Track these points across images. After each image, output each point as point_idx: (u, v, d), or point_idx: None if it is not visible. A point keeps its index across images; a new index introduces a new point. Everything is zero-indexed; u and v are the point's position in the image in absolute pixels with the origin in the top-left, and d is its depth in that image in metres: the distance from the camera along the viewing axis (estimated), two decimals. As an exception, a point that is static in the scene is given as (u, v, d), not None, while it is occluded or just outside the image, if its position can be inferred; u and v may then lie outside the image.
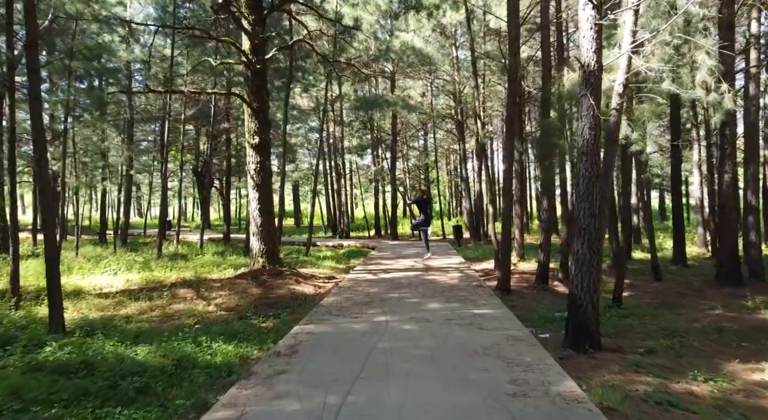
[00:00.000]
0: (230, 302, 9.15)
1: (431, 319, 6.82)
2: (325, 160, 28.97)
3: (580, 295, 5.63)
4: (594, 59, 5.48)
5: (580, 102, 5.65)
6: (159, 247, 16.77)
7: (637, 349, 5.86)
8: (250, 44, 11.33)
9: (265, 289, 10.11)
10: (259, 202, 11.60)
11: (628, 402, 4.09)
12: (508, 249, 9.83)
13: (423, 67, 24.20)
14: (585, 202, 5.59)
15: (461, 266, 13.30)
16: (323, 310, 7.65)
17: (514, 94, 9.63)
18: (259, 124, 11.49)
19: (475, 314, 7.12)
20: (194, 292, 9.87)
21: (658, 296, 9.68)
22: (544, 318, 7.70)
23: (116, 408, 3.99)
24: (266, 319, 7.91)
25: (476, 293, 9.01)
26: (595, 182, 5.58)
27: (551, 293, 10.20)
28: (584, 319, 5.62)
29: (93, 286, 10.48)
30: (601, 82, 5.55)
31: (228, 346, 5.93)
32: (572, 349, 5.62)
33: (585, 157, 5.59)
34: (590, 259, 5.60)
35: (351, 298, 8.62)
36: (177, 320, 7.87)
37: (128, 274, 11.67)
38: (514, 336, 5.84)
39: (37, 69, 6.25)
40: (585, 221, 5.60)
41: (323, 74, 20.24)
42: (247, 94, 11.51)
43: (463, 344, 5.54)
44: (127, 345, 5.68)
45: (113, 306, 8.83)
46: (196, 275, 11.53)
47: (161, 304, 8.90)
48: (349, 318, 7.00)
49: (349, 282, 10.74)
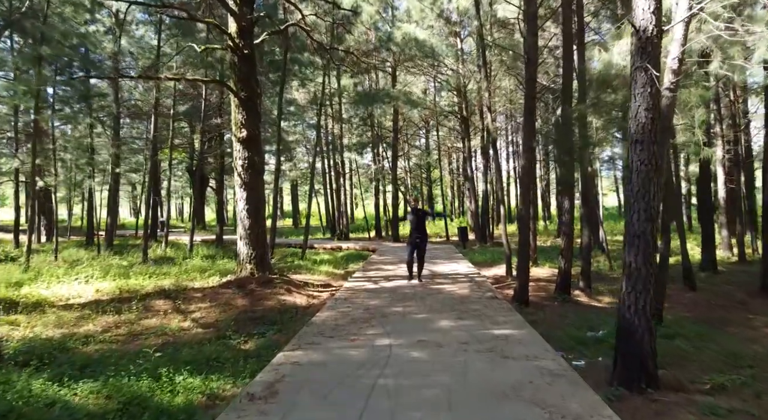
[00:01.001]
0: (210, 317, 8.00)
1: (443, 343, 5.67)
2: (323, 158, 27.81)
3: (633, 319, 4.49)
4: (652, 22, 4.33)
5: (633, 77, 4.50)
6: (144, 250, 15.64)
7: (702, 385, 4.72)
8: (237, 26, 10.19)
9: (252, 301, 8.96)
10: (248, 202, 10.46)
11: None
12: (526, 256, 8.69)
13: (426, 59, 23.06)
14: (641, 202, 4.44)
15: (470, 273, 12.14)
16: (314, 329, 6.50)
17: (533, 80, 8.47)
18: (247, 116, 10.35)
19: (496, 336, 5.97)
20: (171, 303, 8.72)
21: (698, 310, 8.54)
22: (574, 338, 6.57)
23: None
24: (248, 338, 6.78)
25: (492, 306, 7.85)
26: (653, 177, 4.44)
27: (574, 305, 9.08)
28: (638, 350, 4.47)
29: (60, 297, 9.35)
30: (660, 50, 4.40)
31: (194, 380, 4.80)
32: (623, 386, 4.48)
33: (640, 145, 4.45)
34: (646, 274, 4.46)
35: (348, 314, 7.47)
36: (144, 340, 6.73)
37: (102, 282, 10.51)
38: (549, 369, 4.69)
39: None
40: (640, 226, 4.46)
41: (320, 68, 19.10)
42: (234, 82, 10.37)
43: (486, 381, 4.39)
44: (66, 382, 4.54)
45: (75, 321, 7.68)
46: (176, 283, 10.39)
47: (130, 319, 7.76)
48: (345, 341, 5.85)
49: (347, 292, 9.59)
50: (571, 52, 9.02)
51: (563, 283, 9.34)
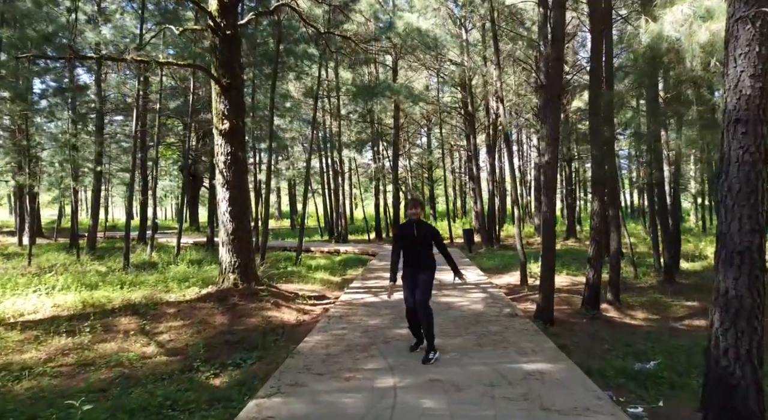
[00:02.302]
0: (179, 339, 6.75)
1: (462, 385, 4.42)
2: (321, 156, 26.56)
3: (734, 368, 3.25)
4: (765, -48, 3.08)
5: (732, 32, 3.26)
6: (126, 255, 14.37)
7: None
8: (218, 4, 8.95)
9: (232, 318, 7.72)
10: (231, 204, 9.22)
11: None
12: (551, 267, 7.42)
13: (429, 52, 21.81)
14: (744, 205, 3.20)
15: (481, 282, 10.90)
16: (300, 361, 5.24)
17: (560, 61, 7.23)
18: (230, 106, 9.11)
19: (528, 373, 4.72)
20: (138, 322, 7.47)
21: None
22: (619, 371, 5.34)
23: None
24: (221, 369, 5.55)
25: (513, 328, 6.60)
26: (761, 171, 3.19)
27: (606, 323, 7.84)
28: (744, 409, 3.22)
29: (12, 312, 8.08)
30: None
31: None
32: (718, 459, 3.23)
33: (743, 126, 3.22)
34: (752, 306, 3.22)
35: (342, 338, 6.21)
36: (93, 373, 5.49)
37: (65, 294, 9.24)
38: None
39: None
40: (743, 240, 3.22)
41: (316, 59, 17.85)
42: (215, 68, 9.13)
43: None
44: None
45: (17, 346, 6.44)
46: (150, 296, 9.13)
47: (83, 343, 6.50)
48: (337, 381, 4.60)
49: (343, 306, 8.34)
50: (599, 27, 7.74)
51: (592, 297, 8.10)
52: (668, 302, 9.29)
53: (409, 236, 5.39)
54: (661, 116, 7.82)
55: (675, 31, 5.65)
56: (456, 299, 8.82)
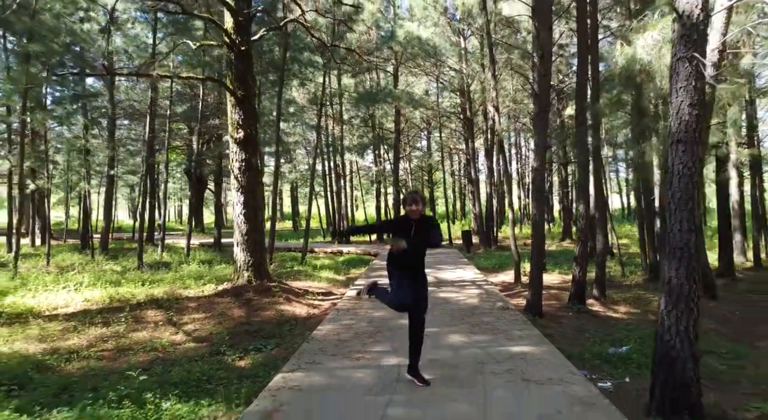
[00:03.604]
0: (204, 329, 7.50)
1: (457, 364, 5.16)
2: (323, 159, 27.33)
3: (674, 342, 4.00)
4: (698, 5, 3.84)
5: (675, 68, 4.02)
6: (139, 255, 15.14)
7: (746, 414, 4.21)
8: (234, 22, 9.71)
9: (249, 311, 8.47)
10: (245, 206, 9.97)
11: None
12: (539, 264, 8.18)
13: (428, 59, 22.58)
14: (683, 210, 3.95)
15: (478, 280, 11.64)
16: (315, 345, 5.99)
17: (547, 77, 7.99)
18: (244, 116, 9.86)
19: (513, 354, 5.46)
20: (163, 314, 8.22)
21: (726, 323, 8.05)
22: (596, 355, 6.08)
23: None
24: (244, 354, 6.28)
25: (504, 319, 7.35)
26: (697, 182, 3.94)
27: (591, 316, 8.57)
28: (681, 378, 3.97)
29: (46, 306, 8.85)
30: (706, 38, 3.91)
31: (183, 407, 4.30)
32: (662, 417, 3.98)
33: (683, 145, 3.96)
34: (689, 292, 3.97)
35: (351, 327, 6.97)
36: (132, 356, 6.23)
37: (92, 290, 10.00)
38: (579, 397, 4.18)
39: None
40: (683, 238, 3.97)
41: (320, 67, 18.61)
42: (230, 81, 9.88)
43: (509, 413, 3.89)
44: (36, 411, 4.03)
45: (60, 334, 7.19)
46: (170, 291, 9.89)
47: (119, 332, 7.26)
48: (349, 360, 5.35)
49: (349, 301, 9.09)
50: (586, 48, 8.52)
51: (578, 292, 8.84)
52: (650, 298, 10.02)
53: (406, 234, 4.45)
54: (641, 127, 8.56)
55: (646, 54, 6.38)
56: (453, 295, 9.55)
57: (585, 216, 8.82)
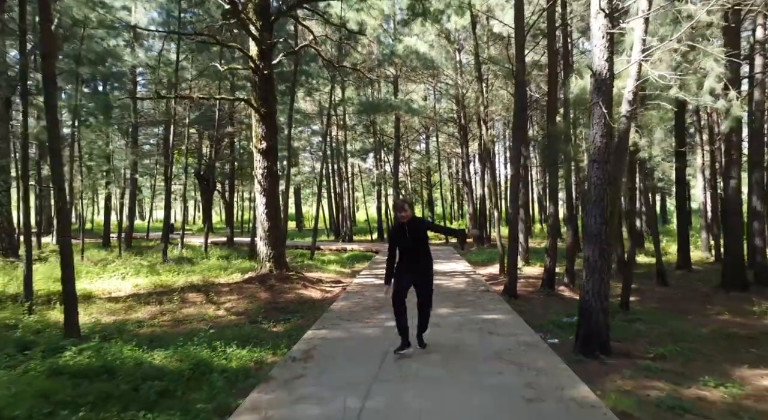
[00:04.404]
0: (240, 307, 9.21)
1: (442, 325, 6.88)
2: (328, 163, 29.06)
3: (591, 301, 5.70)
4: (606, 67, 5.56)
5: (592, 110, 5.73)
6: (164, 251, 16.83)
7: (646, 355, 5.91)
8: (258, 50, 11.41)
9: (274, 294, 10.17)
10: (267, 207, 11.67)
11: (642, 407, 4.16)
12: (514, 254, 9.90)
13: (426, 71, 24.30)
14: (596, 209, 5.66)
15: (467, 271, 13.36)
16: (333, 315, 7.72)
17: (521, 101, 9.71)
18: (267, 130, 11.56)
19: (485, 319, 7.19)
20: (203, 296, 9.93)
21: (665, 301, 9.75)
22: (553, 323, 7.76)
23: (139, 411, 4.04)
24: (277, 323, 7.97)
25: (484, 298, 9.08)
26: (607, 189, 5.65)
27: (558, 298, 10.26)
28: (595, 326, 5.68)
29: (102, 290, 10.54)
30: (612, 90, 5.63)
31: (242, 351, 5.98)
32: (583, 354, 5.68)
33: (596, 164, 5.67)
34: (601, 266, 5.67)
35: (360, 303, 8.69)
36: (189, 324, 7.93)
37: (136, 278, 11.72)
38: (526, 342, 5.91)
39: (53, 77, 6.32)
40: (596, 228, 5.67)
41: (327, 79, 20.34)
42: (255, 100, 11.58)
43: (475, 349, 5.61)
44: (144, 349, 5.73)
45: (124, 310, 8.90)
46: (203, 279, 11.60)
47: (171, 309, 8.97)
48: (360, 323, 7.07)
49: (357, 286, 10.81)
50: (555, 79, 10.27)
51: (549, 279, 10.54)
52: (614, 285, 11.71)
53: (402, 238, 5.47)
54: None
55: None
56: (444, 282, 11.25)
57: (554, 215, 10.52)
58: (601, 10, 5.54)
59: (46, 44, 6.08)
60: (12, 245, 15.55)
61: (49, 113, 6.19)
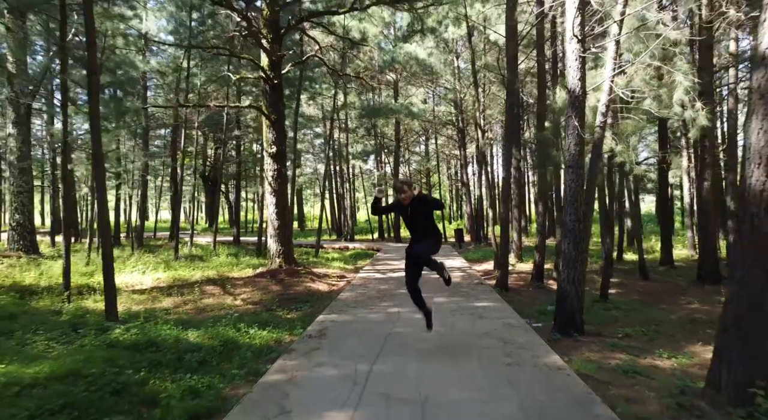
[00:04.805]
0: (254, 297, 10.09)
1: (439, 311, 7.72)
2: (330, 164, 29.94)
3: (566, 287, 6.58)
4: (578, 86, 6.44)
5: (567, 122, 6.61)
6: (176, 249, 17.71)
7: (615, 335, 6.79)
8: (268, 61, 12.29)
9: (284, 287, 11.04)
10: (276, 207, 12.54)
11: (601, 371, 5.03)
12: (506, 250, 10.77)
13: (426, 76, 25.17)
14: (571, 207, 6.54)
15: (463, 266, 14.24)
16: (341, 303, 8.60)
17: (512, 108, 10.58)
18: (276, 135, 12.44)
19: (477, 307, 8.06)
20: (220, 288, 10.80)
21: (644, 294, 10.62)
22: (538, 311, 8.63)
23: (186, 374, 4.91)
24: (290, 311, 8.84)
25: (477, 290, 9.96)
26: (580, 191, 6.53)
27: (546, 291, 11.11)
28: (570, 308, 6.56)
29: (125, 284, 11.40)
30: (584, 105, 6.51)
31: (263, 332, 6.85)
32: (560, 333, 6.55)
33: (571, 169, 6.55)
34: (575, 257, 6.55)
35: (364, 294, 9.57)
36: (210, 312, 8.81)
37: (155, 272, 12.60)
38: (511, 324, 6.79)
39: (97, 92, 7.20)
40: (571, 224, 6.55)
41: (331, 85, 21.22)
42: (265, 107, 12.46)
43: (467, 330, 6.49)
44: (180, 329, 6.60)
45: (149, 300, 9.77)
46: (218, 274, 12.47)
47: (193, 299, 9.85)
48: (366, 309, 7.95)
49: (361, 280, 11.68)
50: (544, 88, 11.17)
51: (538, 273, 11.41)
52: (596, 279, 12.58)
53: (405, 212, 5.46)
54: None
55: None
56: (442, 276, 12.10)
57: (543, 214, 11.40)
58: (574, 35, 6.42)
59: (92, 63, 6.96)
60: (33, 243, 16.46)
61: (93, 124, 7.07)
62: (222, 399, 4.38)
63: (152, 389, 4.55)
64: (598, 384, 4.60)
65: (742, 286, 3.90)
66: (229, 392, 4.58)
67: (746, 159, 3.88)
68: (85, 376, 4.53)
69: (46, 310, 8.21)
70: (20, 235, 15.86)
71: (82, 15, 7.96)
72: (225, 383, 4.79)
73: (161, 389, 4.50)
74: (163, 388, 4.54)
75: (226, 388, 4.68)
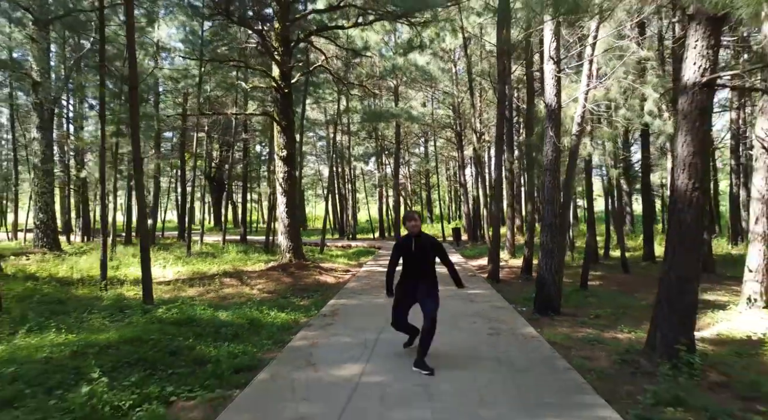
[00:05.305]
0: (269, 288, 11.13)
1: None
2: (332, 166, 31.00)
3: (545, 275, 7.63)
4: (554, 101, 7.50)
5: (545, 131, 7.67)
6: (188, 246, 18.73)
7: (588, 315, 7.84)
8: (279, 71, 13.34)
9: (295, 279, 12.09)
10: (287, 206, 13.59)
11: (568, 340, 6.09)
12: (497, 245, 11.83)
13: (425, 82, 26.23)
14: (549, 205, 7.59)
15: (459, 262, 15.30)
16: (348, 291, 9.65)
17: (502, 116, 11.64)
18: (287, 139, 13.49)
19: (469, 293, 9.12)
20: (237, 280, 11.85)
21: (622, 285, 11.67)
22: (524, 298, 9.65)
23: (224, 343, 5.96)
24: (303, 299, 9.88)
25: (471, 280, 11.01)
26: (556, 191, 7.59)
27: (533, 282, 12.17)
28: (548, 292, 7.61)
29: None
30: (560, 117, 7.56)
31: (282, 314, 7.89)
32: (539, 314, 7.61)
33: (548, 172, 7.60)
34: (552, 248, 7.60)
35: (369, 284, 10.63)
36: (231, 300, 9.85)
37: (175, 266, 13.64)
38: (497, 306, 7.85)
39: (137, 104, 8.25)
40: (548, 220, 7.61)
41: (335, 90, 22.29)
42: (277, 114, 13.51)
43: (458, 311, 7.54)
44: (212, 310, 7.66)
45: (175, 290, 10.81)
46: (233, 267, 13.51)
47: (214, 289, 10.89)
48: (371, 296, 9.00)
49: (365, 273, 12.74)
50: (532, 97, 12.23)
51: (526, 267, 12.46)
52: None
53: (408, 250, 5.37)
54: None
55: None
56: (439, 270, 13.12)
57: (531, 213, 12.45)
58: (550, 58, 7.48)
59: (133, 79, 8.02)
60: (56, 241, 17.52)
61: (134, 133, 8.12)
62: (258, 359, 5.44)
63: (199, 353, 5.59)
64: (563, 348, 5.66)
65: (671, 268, 4.95)
66: (263, 356, 5.63)
67: (675, 166, 4.94)
68: (146, 341, 5.58)
69: (87, 297, 9.26)
70: (44, 233, 16.91)
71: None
72: (258, 349, 5.84)
73: (207, 352, 5.55)
74: (208, 352, 5.58)
75: (259, 353, 5.73)
